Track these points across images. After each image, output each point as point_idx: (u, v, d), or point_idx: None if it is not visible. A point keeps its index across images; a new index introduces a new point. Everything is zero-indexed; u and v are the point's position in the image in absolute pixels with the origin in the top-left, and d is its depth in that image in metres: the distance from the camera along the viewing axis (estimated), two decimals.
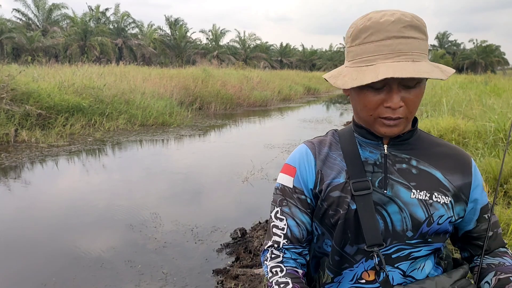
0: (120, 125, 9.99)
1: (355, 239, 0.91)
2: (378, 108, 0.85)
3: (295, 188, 0.97)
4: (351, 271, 0.94)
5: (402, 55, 0.79)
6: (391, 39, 0.80)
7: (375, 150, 0.94)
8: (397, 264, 0.91)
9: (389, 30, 0.80)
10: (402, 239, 0.90)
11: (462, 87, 12.87)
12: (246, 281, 2.89)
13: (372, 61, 0.81)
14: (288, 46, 59.01)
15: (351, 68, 0.85)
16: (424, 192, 0.89)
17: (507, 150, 4.57)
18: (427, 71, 0.78)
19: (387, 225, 0.89)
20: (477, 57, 53.47)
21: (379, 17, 0.81)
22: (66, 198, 4.96)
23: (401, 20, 0.80)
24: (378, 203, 0.90)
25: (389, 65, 0.79)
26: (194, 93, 14.45)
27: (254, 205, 4.78)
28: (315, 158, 0.97)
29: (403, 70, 0.77)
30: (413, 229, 0.89)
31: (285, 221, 0.97)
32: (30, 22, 37.64)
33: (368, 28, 0.81)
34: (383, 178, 0.91)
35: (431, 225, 0.89)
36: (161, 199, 5.00)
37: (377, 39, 0.80)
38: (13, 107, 8.31)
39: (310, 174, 0.96)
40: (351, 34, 0.86)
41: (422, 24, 0.82)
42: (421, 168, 0.92)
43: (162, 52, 43.26)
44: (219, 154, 7.82)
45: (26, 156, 6.80)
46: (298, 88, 23.40)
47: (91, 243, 3.63)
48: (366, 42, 0.82)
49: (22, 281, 2.99)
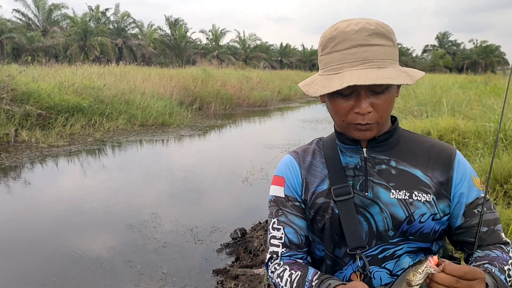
0: (120, 125, 9.99)
1: (342, 242, 0.94)
2: (348, 114, 0.88)
3: (287, 196, 1.00)
4: (341, 274, 0.96)
5: (368, 62, 0.82)
6: (356, 47, 0.83)
7: (355, 154, 0.96)
8: (384, 264, 0.93)
9: (354, 39, 0.83)
10: (386, 239, 0.92)
11: (462, 87, 12.88)
12: (246, 281, 2.89)
13: (339, 69, 0.84)
14: (288, 46, 59.00)
15: (322, 76, 0.89)
16: (403, 191, 0.91)
17: (507, 149, 4.57)
18: (391, 77, 0.80)
19: (371, 227, 0.92)
20: (477, 57, 53.47)
21: (344, 27, 0.85)
22: (66, 198, 4.96)
23: (366, 28, 0.83)
24: (361, 205, 0.92)
25: (354, 73, 0.81)
26: (194, 93, 14.45)
27: (254, 205, 4.78)
28: (300, 167, 1.01)
29: (366, 78, 0.79)
30: (394, 228, 0.91)
31: (282, 230, 0.99)
32: (30, 22, 37.65)
33: (335, 38, 0.85)
34: (364, 181, 0.93)
35: (411, 223, 0.90)
36: (161, 199, 5.00)
37: (343, 48, 0.84)
38: (13, 107, 8.31)
39: (297, 182, 1.00)
40: (320, 44, 0.89)
41: (387, 31, 0.85)
42: (400, 168, 0.93)
43: (162, 52, 43.26)
44: (219, 154, 7.82)
45: (26, 156, 6.80)
46: (298, 88, 23.39)
47: (91, 243, 3.63)
48: (333, 51, 0.85)
49: (22, 281, 3.00)
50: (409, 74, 0.84)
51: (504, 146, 4.77)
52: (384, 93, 0.86)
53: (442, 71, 48.36)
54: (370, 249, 0.92)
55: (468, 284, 0.75)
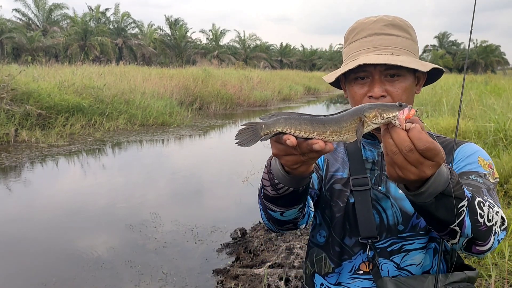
0: (120, 125, 9.98)
1: (353, 231, 0.95)
2: (363, 99, 0.90)
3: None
4: (350, 263, 0.96)
5: (382, 49, 0.87)
6: (372, 36, 0.88)
7: (373, 148, 0.99)
8: (392, 257, 0.94)
9: (371, 28, 0.89)
10: (395, 233, 0.93)
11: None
12: (246, 281, 2.88)
13: (356, 56, 0.90)
14: (288, 46, 59.00)
15: (343, 66, 0.94)
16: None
17: (507, 149, 4.57)
18: (402, 61, 0.83)
19: (382, 220, 0.94)
20: (477, 57, 53.45)
21: (364, 19, 0.92)
22: (66, 198, 4.95)
23: (383, 19, 0.89)
24: (374, 199, 0.95)
25: (368, 56, 0.86)
26: (194, 93, 14.44)
27: (254, 205, 4.78)
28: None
29: (378, 59, 0.83)
30: (404, 223, 0.93)
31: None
32: (30, 22, 37.65)
33: (355, 29, 0.93)
34: (379, 175, 0.96)
35: (420, 217, 0.91)
36: (161, 199, 5.00)
37: (361, 37, 0.90)
38: (13, 107, 8.30)
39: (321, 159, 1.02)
40: (344, 38, 0.97)
41: (405, 24, 0.90)
42: None
43: (162, 52, 43.27)
44: (219, 154, 7.82)
45: (26, 156, 6.79)
46: (298, 88, 23.40)
47: (91, 243, 3.63)
48: (353, 40, 0.92)
49: (23, 281, 2.99)
50: (423, 63, 0.88)
51: (504, 146, 4.77)
52: (399, 80, 0.88)
53: None
54: (379, 242, 0.94)
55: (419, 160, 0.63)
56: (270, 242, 3.53)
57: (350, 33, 0.94)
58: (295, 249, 3.28)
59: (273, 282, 2.81)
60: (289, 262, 3.07)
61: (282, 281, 2.81)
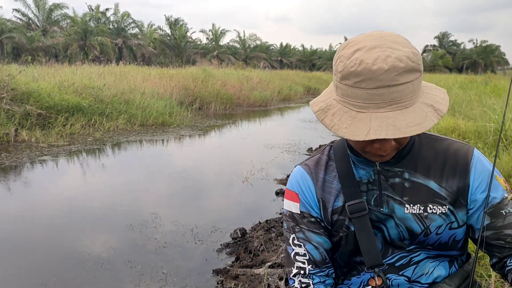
0: (120, 125, 9.98)
1: (358, 253, 0.93)
2: (368, 146, 0.83)
3: (303, 213, 0.96)
4: (358, 278, 0.96)
5: (394, 104, 0.75)
6: (384, 88, 0.74)
7: (368, 167, 0.92)
8: (402, 271, 0.91)
9: (382, 79, 0.73)
10: (403, 247, 0.91)
11: (462, 87, 12.87)
12: (246, 281, 2.89)
13: (363, 108, 0.77)
14: (288, 46, 59.00)
15: (340, 105, 0.80)
16: (417, 206, 0.88)
17: (508, 149, 4.57)
18: (420, 123, 0.75)
19: (386, 238, 0.91)
20: (477, 57, 53.45)
21: (371, 63, 0.74)
22: (66, 198, 4.95)
23: (395, 67, 0.73)
24: (376, 220, 0.90)
25: (382, 121, 0.75)
26: (194, 93, 14.44)
27: (254, 205, 4.78)
28: (314, 185, 0.96)
29: (395, 129, 0.74)
30: (410, 239, 0.90)
31: (303, 246, 0.95)
32: (30, 22, 37.64)
33: (359, 74, 0.75)
34: (378, 196, 0.90)
35: (428, 235, 0.88)
36: (161, 199, 5.00)
37: (369, 87, 0.75)
38: (13, 107, 8.31)
39: (312, 200, 0.95)
40: (340, 71, 0.79)
41: (417, 63, 0.76)
42: (413, 181, 0.89)
43: (162, 52, 43.27)
44: (219, 154, 7.82)
45: (26, 156, 6.80)
46: (298, 88, 23.40)
47: (91, 243, 3.63)
48: (357, 87, 0.76)
49: (23, 281, 3.00)
50: (436, 108, 0.78)
51: (504, 146, 4.77)
52: None
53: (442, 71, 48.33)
54: (386, 258, 0.91)
55: None
56: (270, 242, 3.53)
57: (352, 75, 0.76)
58: None
59: (273, 282, 2.81)
60: None
61: (282, 281, 2.82)
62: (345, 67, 0.77)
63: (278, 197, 4.98)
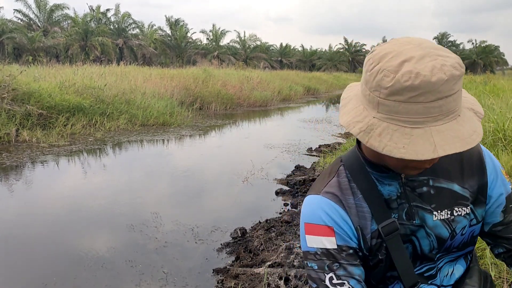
0: (120, 125, 10.00)
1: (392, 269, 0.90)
2: (412, 162, 0.77)
3: (341, 247, 0.86)
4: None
5: (450, 114, 0.71)
6: (442, 100, 0.69)
7: (394, 181, 0.87)
8: (431, 280, 0.92)
9: (441, 90, 0.68)
10: (432, 259, 0.90)
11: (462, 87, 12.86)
12: (246, 281, 2.90)
13: (418, 124, 0.70)
14: (288, 46, 59.02)
15: (386, 123, 0.72)
16: (445, 211, 0.87)
17: (507, 149, 4.58)
18: (475, 129, 0.73)
19: (416, 249, 0.89)
20: (476, 58, 53.43)
21: (429, 74, 0.67)
22: (67, 198, 4.97)
23: (453, 76, 0.69)
24: (408, 234, 0.87)
25: (444, 135, 0.70)
26: (195, 93, 14.47)
27: (254, 205, 4.80)
28: (347, 213, 0.87)
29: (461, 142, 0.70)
30: (439, 247, 0.89)
31: (347, 284, 0.85)
32: (31, 23, 37.69)
33: (417, 88, 0.68)
34: (409, 208, 0.87)
35: (454, 238, 0.89)
36: (162, 199, 5.01)
37: (427, 101, 0.68)
38: (14, 107, 8.33)
39: (349, 231, 0.87)
40: (388, 87, 0.70)
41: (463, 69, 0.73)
42: (438, 186, 0.88)
43: (162, 52, 43.30)
44: (219, 154, 7.84)
45: (27, 156, 6.82)
46: (298, 88, 23.42)
47: (92, 243, 3.65)
48: (412, 102, 0.69)
49: (23, 280, 3.01)
50: (475, 111, 0.77)
51: (503, 146, 4.78)
52: None
53: None
54: (415, 269, 0.90)
55: None
56: (270, 242, 3.55)
57: (406, 90, 0.68)
58: (295, 249, 3.30)
59: (273, 281, 2.82)
60: (289, 261, 3.08)
61: (282, 280, 2.83)
62: (396, 82, 0.69)
63: (278, 197, 4.99)
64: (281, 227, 3.86)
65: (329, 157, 6.51)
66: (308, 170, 6.16)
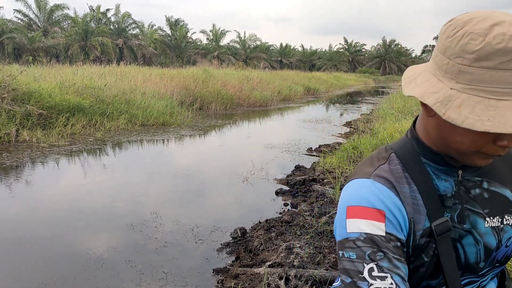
0: (120, 125, 10.01)
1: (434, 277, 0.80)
2: (487, 145, 0.69)
3: (390, 235, 0.73)
4: None
5: None
6: None
7: (450, 177, 0.79)
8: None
9: None
10: (475, 271, 0.81)
11: None
12: (246, 281, 2.90)
13: (505, 95, 0.62)
14: (288, 46, 59.07)
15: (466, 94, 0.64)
16: (496, 218, 0.80)
17: None
18: None
19: (460, 258, 0.79)
20: None
21: None
22: (67, 198, 4.97)
23: None
24: (455, 239, 0.78)
25: None
26: (195, 93, 14.47)
27: (254, 205, 4.80)
28: (401, 201, 0.76)
29: None
30: (485, 259, 0.80)
31: (390, 278, 0.69)
32: (31, 23, 37.73)
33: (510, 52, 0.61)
34: (461, 211, 0.78)
35: (499, 249, 0.81)
36: (162, 199, 5.01)
37: None
38: (14, 107, 8.33)
39: (402, 220, 0.76)
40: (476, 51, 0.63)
41: None
42: (492, 190, 0.81)
43: (162, 52, 43.33)
44: (219, 154, 7.84)
45: (27, 156, 6.82)
46: (298, 88, 23.41)
47: (92, 243, 3.65)
48: (501, 68, 0.61)
49: (23, 280, 3.01)
50: None
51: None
52: None
53: None
54: None
55: None
56: (270, 242, 3.55)
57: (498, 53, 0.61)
58: (295, 249, 3.30)
59: (273, 281, 2.82)
60: (289, 261, 3.08)
61: (282, 280, 2.83)
62: (486, 45, 0.62)
63: (278, 197, 4.99)
64: (281, 227, 3.86)
65: (329, 157, 6.50)
66: (308, 170, 6.15)
